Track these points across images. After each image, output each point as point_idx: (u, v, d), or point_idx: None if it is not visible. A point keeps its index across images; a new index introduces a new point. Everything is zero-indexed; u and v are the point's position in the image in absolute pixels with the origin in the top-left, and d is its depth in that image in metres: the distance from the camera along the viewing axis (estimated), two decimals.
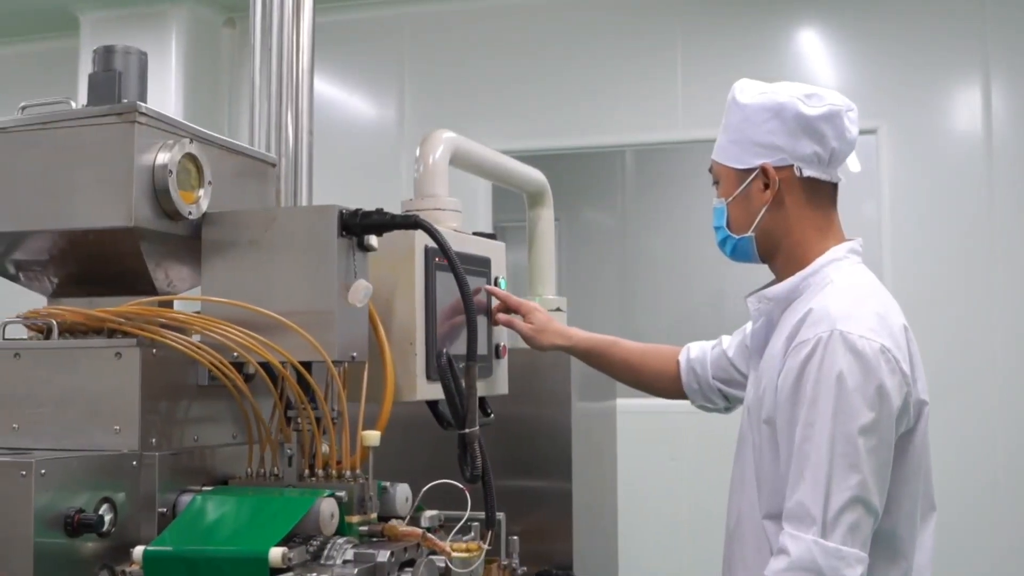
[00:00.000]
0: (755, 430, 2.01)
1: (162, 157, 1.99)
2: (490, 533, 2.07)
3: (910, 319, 2.06)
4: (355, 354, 2.04)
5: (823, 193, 2.10)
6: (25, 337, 2.11)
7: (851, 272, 2.04)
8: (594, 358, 2.60)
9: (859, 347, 1.86)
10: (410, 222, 2.03)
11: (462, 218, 2.55)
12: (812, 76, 5.50)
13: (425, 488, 2.06)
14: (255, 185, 2.32)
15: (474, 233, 2.54)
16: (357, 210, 2.02)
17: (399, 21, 6.02)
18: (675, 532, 5.32)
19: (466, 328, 2.10)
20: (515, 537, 2.57)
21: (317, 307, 1.99)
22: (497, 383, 2.58)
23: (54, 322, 2.00)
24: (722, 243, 2.16)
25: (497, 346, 2.57)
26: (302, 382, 2.01)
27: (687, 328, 6.08)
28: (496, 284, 2.58)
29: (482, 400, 2.52)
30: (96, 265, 2.08)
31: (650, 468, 5.28)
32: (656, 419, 5.00)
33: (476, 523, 2.23)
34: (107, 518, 1.78)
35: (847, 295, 1.97)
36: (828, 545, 1.80)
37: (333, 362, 2.00)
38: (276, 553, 1.73)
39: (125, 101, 2.16)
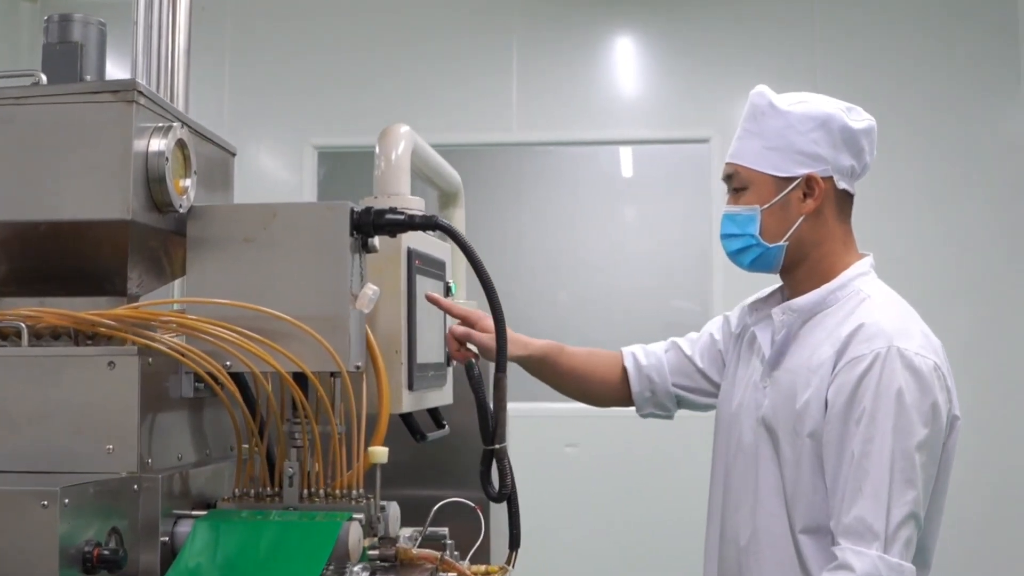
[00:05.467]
0: (789, 443, 1.98)
1: (157, 143, 1.77)
2: (515, 554, 1.96)
3: None
4: (359, 364, 1.88)
5: (847, 206, 2.11)
6: None
7: (881, 288, 2.06)
8: (547, 367, 2.46)
9: (916, 364, 1.88)
10: (431, 223, 1.89)
11: None
12: (646, 82, 5.63)
13: (437, 506, 1.93)
14: (220, 175, 2.12)
15: None
16: (368, 208, 1.87)
17: (221, 11, 5.71)
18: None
19: (496, 336, 1.98)
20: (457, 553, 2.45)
21: (327, 312, 1.82)
22: (446, 393, 2.46)
23: (23, 325, 1.75)
24: (741, 251, 2.11)
25: (447, 354, 2.44)
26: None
27: None
28: (447, 289, 2.45)
29: (435, 411, 2.40)
30: (61, 261, 1.83)
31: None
32: None
33: (451, 541, 2.12)
34: (121, 552, 1.57)
35: (894, 311, 1.98)
36: (892, 560, 1.81)
37: (334, 373, 1.85)
38: None
39: (89, 78, 1.94)
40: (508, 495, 1.98)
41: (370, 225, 1.86)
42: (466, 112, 5.65)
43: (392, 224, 1.87)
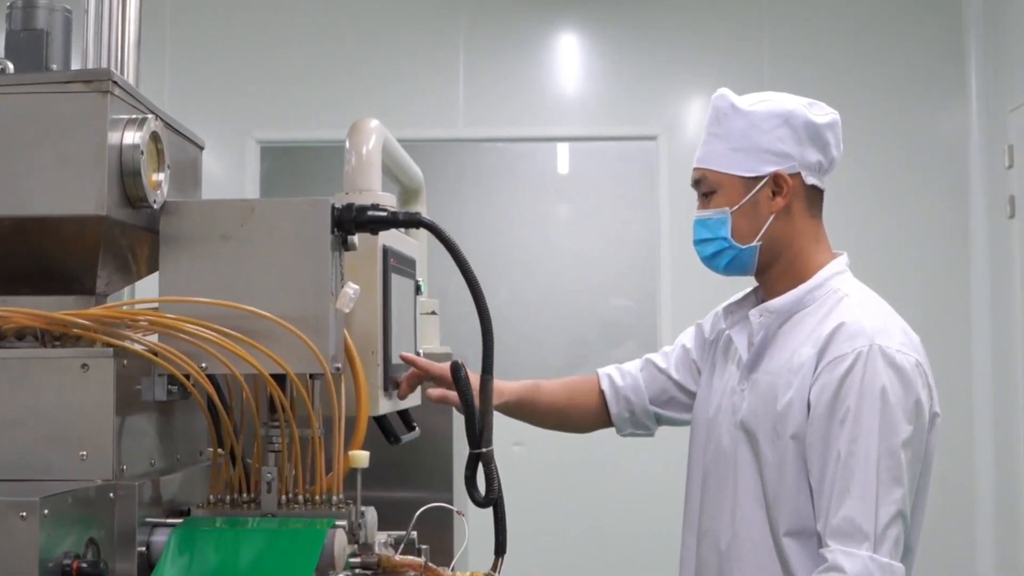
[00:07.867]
0: (770, 446, 1.96)
1: (131, 136, 1.70)
2: (500, 560, 1.91)
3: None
4: (339, 365, 1.83)
5: (817, 202, 2.10)
6: None
7: (858, 286, 2.05)
8: (525, 408, 2.40)
9: (898, 362, 1.87)
10: (414, 220, 1.84)
11: None
12: (594, 79, 5.60)
13: (420, 511, 1.88)
14: (190, 170, 2.05)
15: None
16: (350, 204, 1.81)
17: (160, 3, 5.58)
18: None
19: (482, 337, 1.93)
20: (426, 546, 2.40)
21: (307, 312, 1.75)
22: (416, 393, 2.40)
23: None
24: (715, 255, 2.08)
25: (419, 355, 2.39)
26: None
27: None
28: (417, 288, 2.40)
29: (405, 412, 2.35)
30: (27, 258, 1.74)
31: None
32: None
33: (425, 546, 2.07)
34: (102, 564, 1.49)
35: (874, 309, 1.97)
36: (882, 560, 1.80)
37: (315, 375, 1.80)
38: None
39: (55, 67, 1.87)
40: (495, 500, 1.93)
41: (351, 222, 1.80)
42: (412, 107, 5.59)
43: (374, 221, 1.82)
